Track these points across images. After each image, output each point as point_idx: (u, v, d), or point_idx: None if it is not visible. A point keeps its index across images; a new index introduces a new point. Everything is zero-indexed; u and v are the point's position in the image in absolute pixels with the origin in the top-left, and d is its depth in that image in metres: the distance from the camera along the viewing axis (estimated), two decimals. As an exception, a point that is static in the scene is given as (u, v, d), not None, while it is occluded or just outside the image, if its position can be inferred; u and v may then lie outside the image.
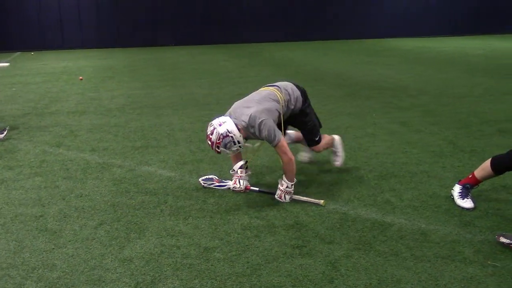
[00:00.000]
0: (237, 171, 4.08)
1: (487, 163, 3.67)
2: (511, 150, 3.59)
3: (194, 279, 2.80)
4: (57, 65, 13.49)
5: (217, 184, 4.19)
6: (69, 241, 3.26)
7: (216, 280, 2.79)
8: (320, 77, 10.34)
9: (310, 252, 3.09)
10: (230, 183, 4.13)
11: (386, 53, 14.86)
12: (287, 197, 3.88)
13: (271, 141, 3.75)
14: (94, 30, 18.76)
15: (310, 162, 4.70)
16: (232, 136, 3.73)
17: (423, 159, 4.85)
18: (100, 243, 3.24)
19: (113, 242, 3.24)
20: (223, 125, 3.75)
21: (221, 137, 3.72)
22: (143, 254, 3.08)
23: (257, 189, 4.09)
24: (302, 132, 4.32)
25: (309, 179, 4.36)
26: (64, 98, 8.46)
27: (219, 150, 3.79)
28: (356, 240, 3.23)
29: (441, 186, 4.12)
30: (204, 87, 9.44)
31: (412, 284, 2.74)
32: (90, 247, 3.18)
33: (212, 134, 3.76)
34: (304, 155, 4.71)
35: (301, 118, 4.16)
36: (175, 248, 3.15)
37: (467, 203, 3.68)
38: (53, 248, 3.17)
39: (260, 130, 3.73)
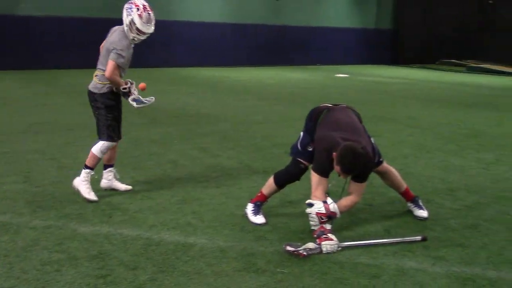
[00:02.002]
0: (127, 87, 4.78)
1: (271, 179, 4.16)
2: (288, 165, 4.13)
3: (-14, 323, 2.61)
4: None
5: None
6: None
7: (12, 321, 2.64)
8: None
9: (114, 280, 3.11)
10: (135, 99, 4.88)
11: (188, 81, 15.40)
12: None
13: None
14: None
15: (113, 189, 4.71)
16: None
17: (222, 182, 5.21)
18: None
19: None
20: None
21: None
22: None
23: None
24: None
25: (112, 208, 4.35)
26: None
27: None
28: (160, 263, 3.35)
29: (237, 206, 4.48)
30: (-4, 116, 8.67)
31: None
32: None
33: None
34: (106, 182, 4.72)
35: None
36: (-38, 294, 2.89)
37: (259, 219, 4.09)
38: None
39: None
